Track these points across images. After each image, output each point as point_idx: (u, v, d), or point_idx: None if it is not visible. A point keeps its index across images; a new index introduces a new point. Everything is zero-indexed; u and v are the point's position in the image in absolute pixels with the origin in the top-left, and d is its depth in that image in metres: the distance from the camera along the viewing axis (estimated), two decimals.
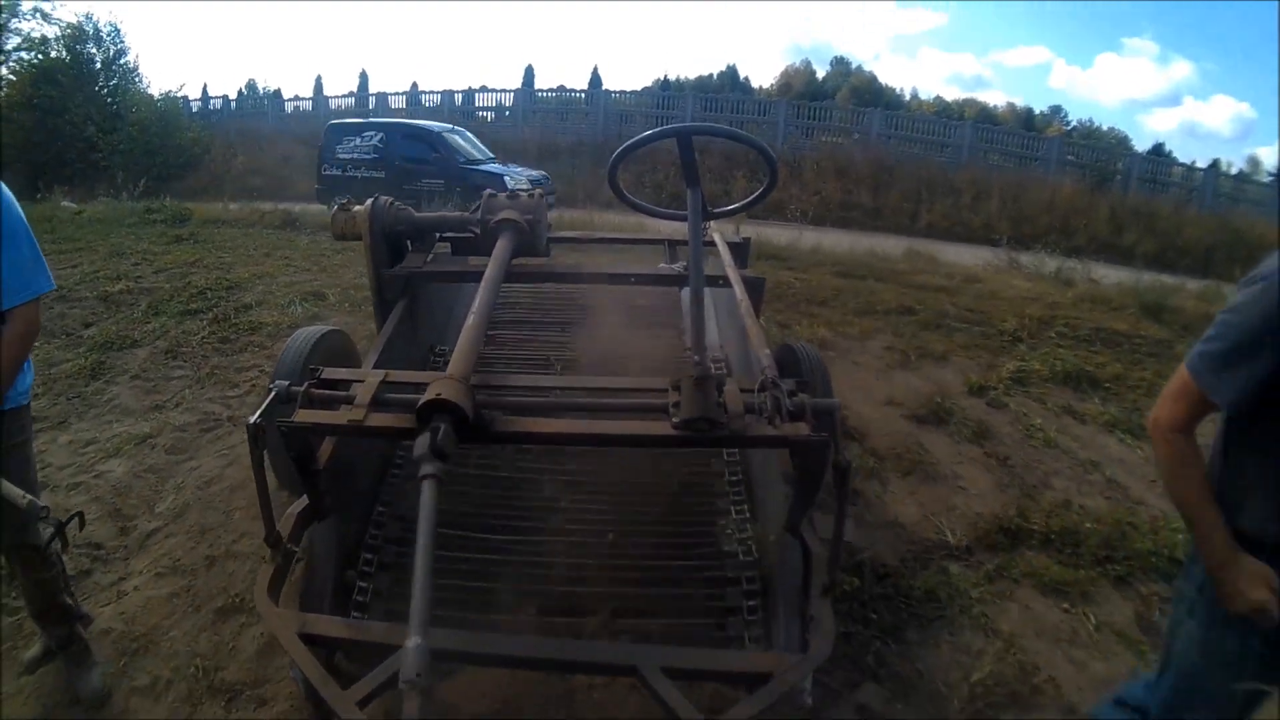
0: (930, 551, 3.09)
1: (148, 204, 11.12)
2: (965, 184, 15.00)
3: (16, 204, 2.17)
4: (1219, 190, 17.12)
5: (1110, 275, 9.11)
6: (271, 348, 4.90)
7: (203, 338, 5.24)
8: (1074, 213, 14.53)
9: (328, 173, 13.72)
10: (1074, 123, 46.72)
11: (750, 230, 4.74)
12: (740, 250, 3.63)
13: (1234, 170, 24.91)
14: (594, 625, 2.33)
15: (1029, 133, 21.02)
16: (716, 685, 2.24)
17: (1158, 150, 28.15)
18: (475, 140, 14.36)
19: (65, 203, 11.78)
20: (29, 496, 1.98)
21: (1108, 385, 5.09)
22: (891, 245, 9.80)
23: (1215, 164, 22.01)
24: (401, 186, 12.91)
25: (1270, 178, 26.01)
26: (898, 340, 5.43)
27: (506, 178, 12.45)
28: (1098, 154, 18.04)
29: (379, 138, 13.62)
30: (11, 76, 17.18)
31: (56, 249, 7.93)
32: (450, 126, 14.39)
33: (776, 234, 9.26)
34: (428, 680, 1.36)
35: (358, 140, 13.76)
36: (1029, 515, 3.32)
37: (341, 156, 13.70)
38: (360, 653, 2.08)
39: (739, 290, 2.85)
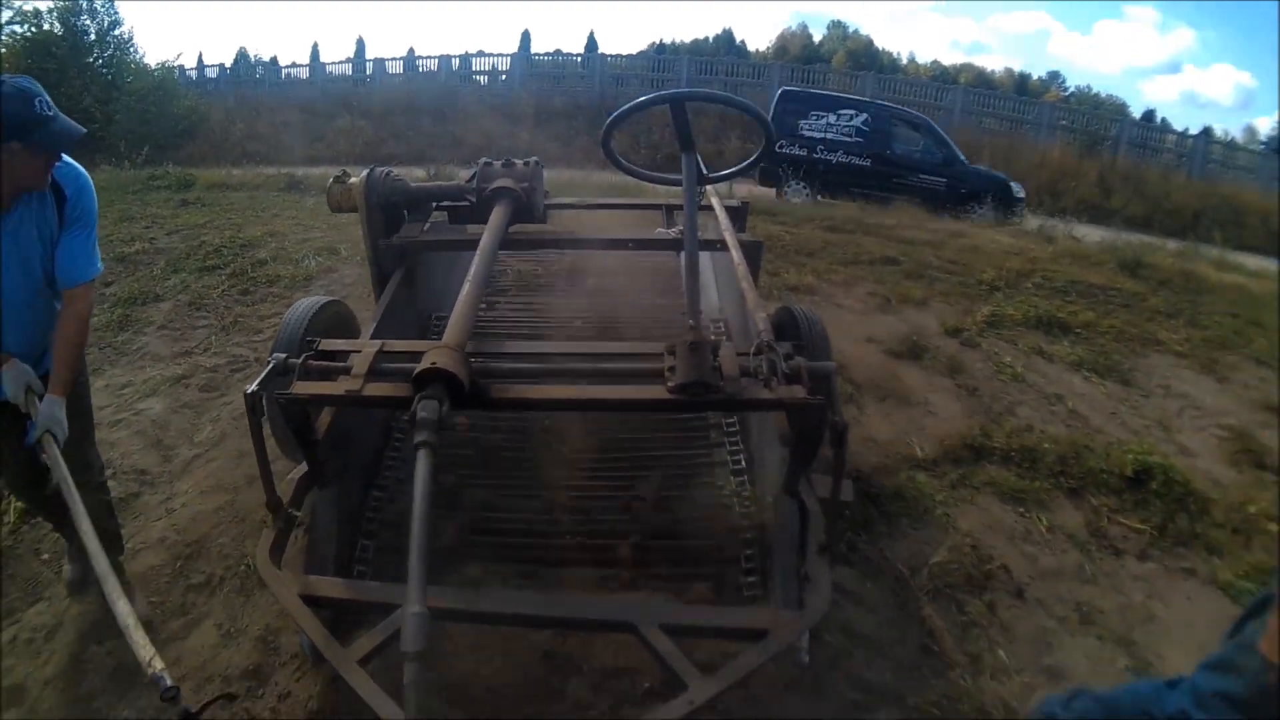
0: (900, 463, 3.43)
1: (151, 171, 11.23)
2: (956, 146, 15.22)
3: (92, 185, 2.33)
4: (1209, 157, 17.33)
5: (1093, 234, 9.40)
6: (291, 297, 5.18)
7: (223, 291, 5.51)
8: (1063, 176, 14.79)
9: (787, 150, 11.63)
10: (1072, 89, 46.58)
11: (743, 189, 4.99)
12: (738, 214, 3.62)
13: (1231, 139, 25.17)
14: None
15: (1020, 97, 21.13)
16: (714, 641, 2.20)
17: (1148, 117, 28.27)
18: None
19: None
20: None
21: (1078, 330, 5.39)
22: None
23: (1206, 131, 22.25)
24: (892, 180, 11.40)
25: (1262, 146, 26.22)
26: (880, 287, 5.73)
27: (1014, 184, 11.65)
28: (1088, 119, 18.21)
29: (863, 119, 11.69)
30: (2, 50, 17.12)
31: None
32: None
33: (769, 192, 9.51)
34: (427, 648, 1.41)
35: (831, 118, 11.84)
36: (992, 435, 3.66)
37: (807, 134, 11.78)
38: (363, 613, 2.15)
39: (736, 255, 2.87)
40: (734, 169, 3.03)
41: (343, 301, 3.40)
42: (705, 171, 2.90)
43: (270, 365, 2.02)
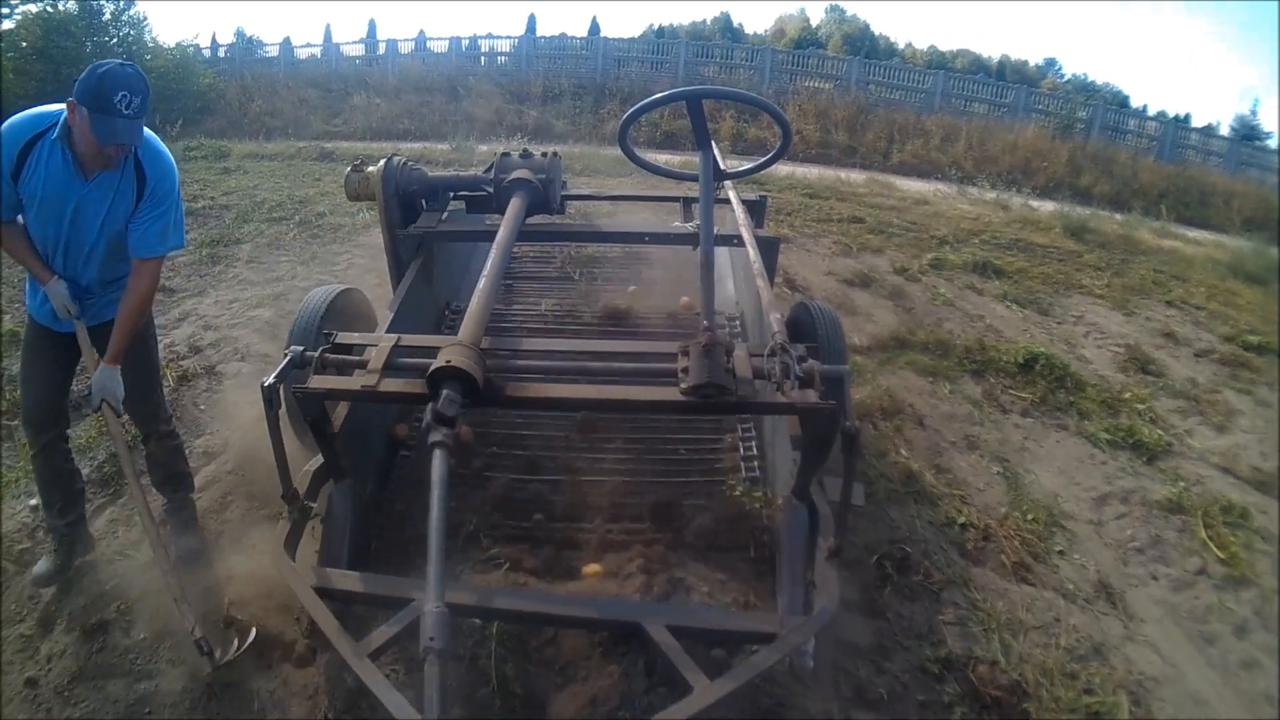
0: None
1: (185, 143, 12.00)
2: (936, 127, 16.18)
3: (176, 171, 2.47)
4: (1184, 143, 18.29)
5: (1049, 206, 10.41)
6: (356, 239, 6.23)
7: (294, 236, 6.57)
8: (1035, 155, 15.76)
9: None
10: (1068, 76, 47.11)
11: (734, 161, 5.88)
12: (756, 208, 3.61)
13: (1208, 125, 26.17)
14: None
15: (999, 81, 22.09)
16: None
17: (1123, 103, 29.23)
18: None
19: None
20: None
21: (1010, 275, 6.47)
22: (859, 177, 11.09)
23: (1176, 118, 23.27)
24: None
25: (1232, 131, 27.25)
26: (844, 239, 6.84)
27: None
28: (1061, 102, 19.20)
29: None
30: (11, 26, 17.57)
31: None
32: None
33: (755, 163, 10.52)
34: (446, 644, 1.43)
35: None
36: (915, 334, 4.77)
37: None
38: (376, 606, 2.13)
39: (752, 252, 2.85)
40: (751, 166, 3.02)
41: (358, 290, 3.42)
42: (723, 167, 2.94)
43: (287, 358, 2.05)
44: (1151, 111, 29.30)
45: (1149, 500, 3.56)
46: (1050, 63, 49.03)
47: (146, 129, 2.32)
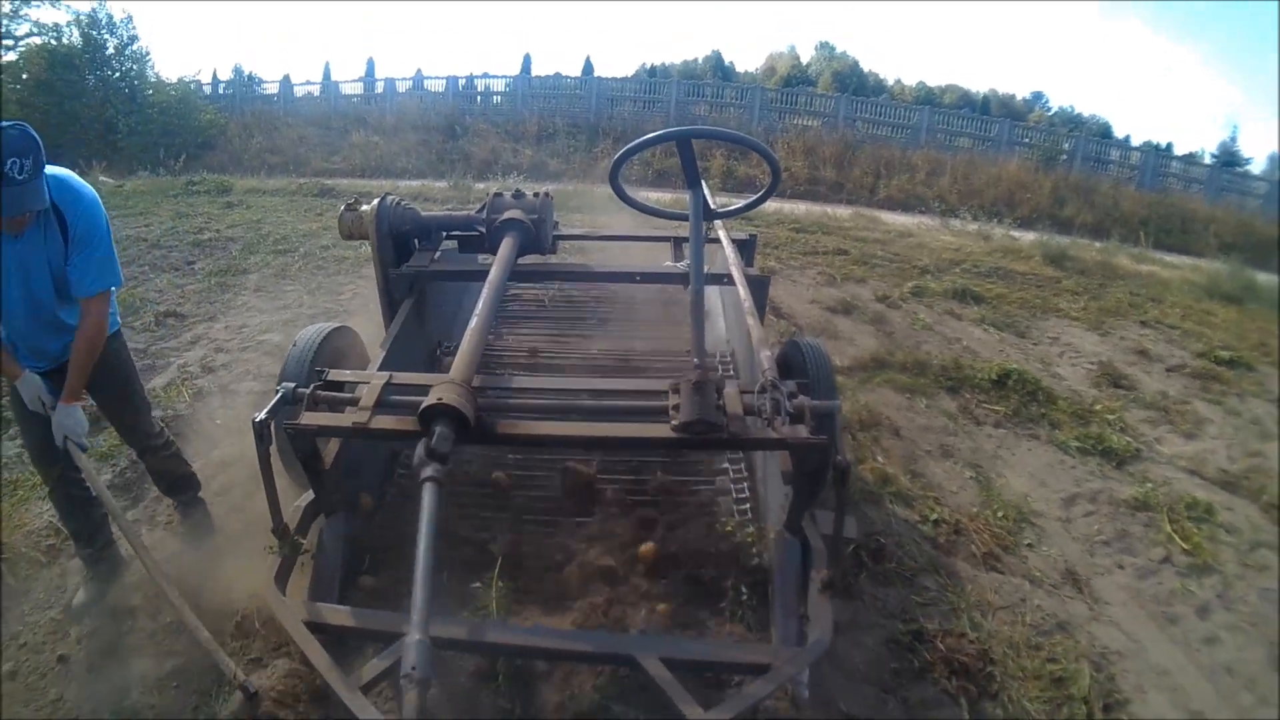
0: None
1: (188, 177, 12.21)
2: (922, 161, 16.61)
3: (99, 207, 2.43)
4: (1164, 171, 18.75)
5: (1030, 236, 10.70)
6: (360, 271, 6.47)
7: (300, 267, 6.82)
8: (1019, 188, 16.16)
9: None
10: (1055, 110, 47.80)
11: (723, 199, 6.15)
12: (746, 247, 3.65)
13: (1189, 154, 26.83)
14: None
15: (983, 115, 22.66)
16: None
17: (1106, 134, 29.89)
18: None
19: (102, 178, 12.59)
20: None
21: (989, 300, 6.73)
22: (845, 212, 11.42)
23: (1156, 147, 23.84)
24: None
25: (1213, 158, 27.89)
26: (829, 269, 7.15)
27: None
28: (1045, 135, 19.73)
29: None
30: (14, 58, 17.83)
31: (120, 215, 9.21)
32: None
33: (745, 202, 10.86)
34: (428, 675, 1.43)
35: None
36: (894, 354, 5.00)
37: None
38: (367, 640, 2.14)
39: (743, 291, 2.88)
40: (741, 205, 3.04)
41: (350, 328, 3.40)
42: (713, 207, 2.99)
43: (279, 394, 2.05)
44: (1137, 141, 29.98)
45: (1116, 499, 3.75)
46: (1038, 96, 49.73)
47: (61, 170, 2.39)
